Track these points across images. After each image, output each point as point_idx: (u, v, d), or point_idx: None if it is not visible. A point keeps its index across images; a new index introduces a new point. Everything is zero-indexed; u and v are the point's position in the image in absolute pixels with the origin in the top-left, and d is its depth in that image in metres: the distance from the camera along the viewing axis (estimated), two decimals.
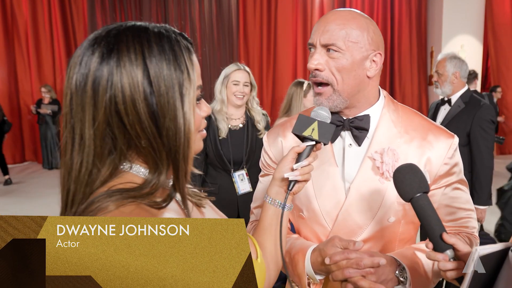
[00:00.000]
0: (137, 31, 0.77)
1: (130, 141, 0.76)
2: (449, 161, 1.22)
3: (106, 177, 0.76)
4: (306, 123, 1.06)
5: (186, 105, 0.77)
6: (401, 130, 1.23)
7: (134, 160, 0.79)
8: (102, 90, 0.73)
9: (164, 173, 0.78)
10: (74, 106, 0.75)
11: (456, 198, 1.26)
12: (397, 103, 1.31)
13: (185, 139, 0.77)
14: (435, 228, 0.97)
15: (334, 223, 1.23)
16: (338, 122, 1.23)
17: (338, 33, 1.13)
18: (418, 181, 1.00)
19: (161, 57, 0.75)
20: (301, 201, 1.29)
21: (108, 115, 0.74)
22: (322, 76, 1.16)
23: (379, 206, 1.20)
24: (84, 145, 0.75)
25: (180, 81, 0.77)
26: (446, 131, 1.26)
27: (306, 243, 1.27)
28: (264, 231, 1.05)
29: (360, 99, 1.21)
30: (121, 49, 0.74)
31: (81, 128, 0.74)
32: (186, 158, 0.79)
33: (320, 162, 1.25)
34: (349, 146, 1.25)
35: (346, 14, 1.17)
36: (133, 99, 0.73)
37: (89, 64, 0.74)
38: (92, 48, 0.75)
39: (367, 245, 1.23)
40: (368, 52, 1.16)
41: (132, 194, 0.74)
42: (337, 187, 1.24)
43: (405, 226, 1.24)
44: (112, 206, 0.71)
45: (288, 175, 1.03)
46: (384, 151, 1.19)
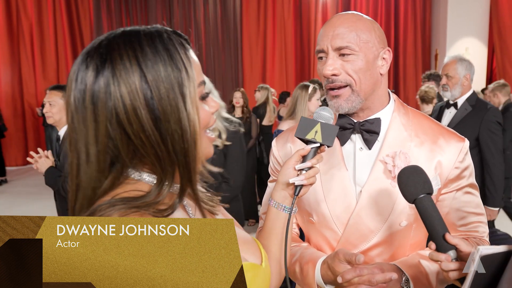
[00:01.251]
0: (128, 37, 0.74)
1: (135, 151, 0.74)
2: (460, 165, 1.21)
3: (107, 188, 0.75)
4: (309, 125, 1.04)
5: (188, 105, 0.74)
6: (412, 134, 1.22)
7: (140, 168, 0.78)
8: (101, 103, 0.71)
9: (170, 179, 0.76)
10: (76, 124, 0.73)
11: (467, 202, 1.24)
12: (407, 106, 1.30)
13: (191, 140, 0.75)
14: (438, 229, 0.96)
15: (345, 227, 1.22)
16: (349, 125, 1.22)
17: (349, 36, 1.13)
18: (422, 182, 1.00)
19: (156, 59, 0.73)
20: (311, 206, 1.27)
21: (109, 128, 0.72)
22: (340, 80, 1.15)
23: (391, 210, 1.19)
24: (90, 162, 0.73)
25: (179, 80, 0.74)
26: (457, 134, 1.25)
27: (316, 253, 1.26)
28: (268, 235, 1.03)
29: (374, 99, 1.21)
30: (114, 58, 0.72)
31: (86, 145, 0.73)
32: (194, 159, 0.77)
33: (329, 166, 1.24)
34: (360, 149, 1.23)
35: (351, 16, 1.17)
36: (134, 107, 0.71)
37: (84, 79, 0.72)
38: (85, 63, 0.73)
39: (378, 250, 1.21)
40: (378, 50, 1.17)
41: (136, 204, 0.72)
42: (348, 191, 1.22)
43: (416, 231, 1.22)
44: (115, 216, 0.70)
45: (293, 180, 1.00)
46: (396, 154, 1.18)
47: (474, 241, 1.24)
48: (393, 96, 1.29)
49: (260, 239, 1.04)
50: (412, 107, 1.34)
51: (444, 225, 0.97)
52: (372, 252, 1.21)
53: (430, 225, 0.97)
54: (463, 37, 8.78)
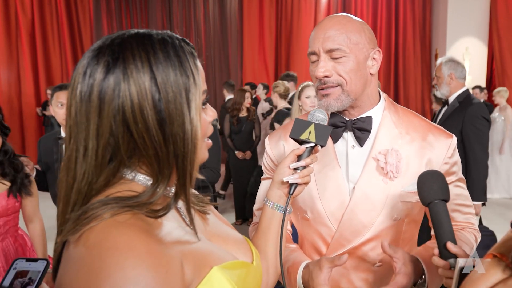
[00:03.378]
0: (141, 38, 0.76)
1: (135, 149, 0.75)
2: (449, 160, 1.26)
3: (101, 186, 0.75)
4: (303, 126, 1.07)
5: (192, 111, 0.76)
6: (402, 131, 1.26)
7: (136, 168, 0.79)
8: (108, 99, 0.72)
9: (165, 181, 0.77)
10: (79, 117, 0.74)
11: (458, 195, 1.30)
12: (396, 104, 1.34)
13: (192, 145, 0.77)
14: (443, 236, 1.01)
15: (339, 223, 1.25)
16: (341, 123, 1.26)
17: (339, 38, 1.16)
18: (439, 188, 1.04)
19: (167, 63, 0.74)
20: (305, 203, 1.30)
21: (113, 124, 0.73)
22: (331, 81, 1.19)
23: (383, 205, 1.23)
24: (87, 156, 0.74)
25: (187, 86, 0.76)
26: (444, 131, 1.30)
27: (300, 256, 1.29)
28: (263, 234, 1.05)
29: (365, 98, 1.25)
30: (126, 57, 0.73)
31: (85, 138, 0.74)
32: (192, 164, 0.78)
33: (323, 164, 1.27)
34: (352, 147, 1.27)
35: (341, 19, 1.20)
36: (141, 107, 0.72)
37: (94, 74, 0.73)
38: (96, 58, 0.74)
39: (372, 244, 1.25)
40: (368, 51, 1.21)
41: (129, 203, 0.73)
42: (341, 187, 1.25)
43: (407, 225, 1.27)
44: (107, 215, 0.70)
45: (287, 179, 1.03)
46: (388, 152, 1.22)
47: (471, 231, 1.31)
48: (383, 94, 1.33)
49: (255, 238, 1.07)
50: (409, 107, 1.37)
51: (450, 233, 1.01)
52: (366, 247, 1.25)
53: (438, 230, 1.02)
54: (463, 37, 8.78)
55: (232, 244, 0.92)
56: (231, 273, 0.80)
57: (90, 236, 0.68)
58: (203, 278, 0.75)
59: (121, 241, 0.66)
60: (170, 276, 0.68)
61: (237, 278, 0.81)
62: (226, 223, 1.03)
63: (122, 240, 0.66)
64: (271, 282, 1.04)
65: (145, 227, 0.71)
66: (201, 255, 0.78)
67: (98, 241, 0.66)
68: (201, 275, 0.75)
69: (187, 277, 0.72)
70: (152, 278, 0.65)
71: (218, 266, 0.78)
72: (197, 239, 0.81)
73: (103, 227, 0.68)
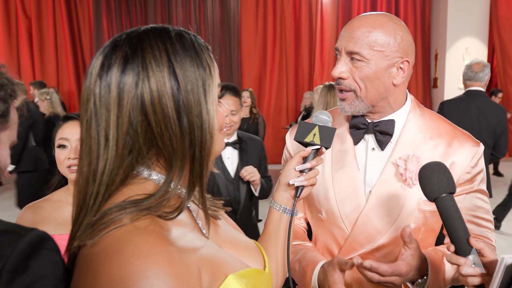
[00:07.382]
0: (158, 31, 0.77)
1: (152, 141, 0.74)
2: (472, 170, 1.21)
3: (121, 180, 0.75)
4: (307, 129, 1.07)
5: (209, 102, 0.77)
6: (426, 137, 1.22)
7: (152, 166, 0.78)
8: (127, 89, 0.72)
9: (178, 178, 0.76)
10: (98, 108, 0.73)
11: (478, 207, 1.24)
12: (423, 107, 1.30)
13: (209, 135, 0.77)
14: (459, 231, 0.94)
15: (353, 226, 1.22)
16: (362, 125, 1.23)
17: (363, 41, 1.12)
18: (446, 180, 0.98)
19: (184, 55, 0.75)
20: (320, 203, 1.28)
21: (132, 114, 0.72)
22: (345, 84, 1.16)
23: (400, 212, 1.19)
24: (108, 147, 0.73)
25: (204, 78, 0.76)
26: (472, 138, 1.24)
27: (316, 256, 1.27)
28: (271, 237, 1.04)
29: (385, 105, 1.21)
30: (145, 47, 0.74)
31: (106, 129, 0.73)
32: (209, 154, 0.78)
33: (341, 165, 1.25)
34: (372, 150, 1.24)
35: (373, 20, 1.15)
36: (160, 97, 0.72)
37: (112, 66, 0.73)
38: (114, 50, 0.75)
39: (384, 251, 1.22)
40: (394, 59, 1.14)
41: (146, 204, 0.72)
42: (358, 190, 1.23)
43: (424, 234, 1.23)
44: (126, 220, 0.69)
45: (293, 182, 1.02)
46: (408, 157, 1.18)
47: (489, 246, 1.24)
48: (410, 96, 1.28)
49: (262, 241, 1.05)
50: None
51: (466, 227, 0.95)
52: (378, 253, 1.22)
53: (451, 226, 0.95)
54: (463, 37, 8.78)
55: (243, 251, 0.91)
56: (246, 281, 0.79)
57: (110, 242, 0.67)
58: (219, 286, 0.74)
59: (142, 249, 0.65)
60: (190, 285, 0.67)
61: (252, 286, 0.81)
62: (237, 228, 1.02)
63: (143, 248, 0.65)
64: (280, 283, 1.03)
65: (164, 234, 0.70)
66: (216, 263, 0.77)
67: (119, 248, 0.65)
68: (217, 283, 0.74)
69: (204, 284, 0.71)
70: (174, 287, 0.64)
71: (233, 274, 0.77)
72: (213, 245, 0.81)
73: (123, 233, 0.67)
